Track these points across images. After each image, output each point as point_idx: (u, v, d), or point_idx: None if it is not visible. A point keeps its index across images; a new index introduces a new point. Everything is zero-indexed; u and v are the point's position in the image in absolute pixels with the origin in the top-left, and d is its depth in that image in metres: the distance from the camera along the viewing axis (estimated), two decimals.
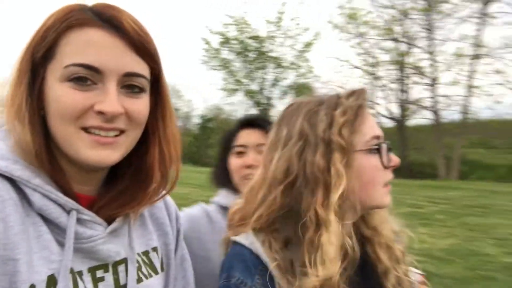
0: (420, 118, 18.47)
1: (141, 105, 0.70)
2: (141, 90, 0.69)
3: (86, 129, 0.66)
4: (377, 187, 0.87)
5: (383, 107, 17.95)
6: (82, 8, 0.67)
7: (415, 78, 17.47)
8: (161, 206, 0.87)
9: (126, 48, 0.66)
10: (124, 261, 0.74)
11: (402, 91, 18.09)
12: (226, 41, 19.94)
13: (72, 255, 0.65)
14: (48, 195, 0.65)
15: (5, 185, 0.63)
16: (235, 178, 1.34)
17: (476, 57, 15.70)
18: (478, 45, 15.63)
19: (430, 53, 16.53)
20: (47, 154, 0.66)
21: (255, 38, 19.93)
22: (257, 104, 20.84)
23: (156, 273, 0.80)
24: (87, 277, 0.68)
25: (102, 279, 0.70)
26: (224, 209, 1.35)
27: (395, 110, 18.68)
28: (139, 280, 0.75)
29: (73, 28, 0.65)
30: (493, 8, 15.66)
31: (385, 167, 0.87)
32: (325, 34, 37.63)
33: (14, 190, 0.64)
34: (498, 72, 15.62)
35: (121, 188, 0.75)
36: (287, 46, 20.02)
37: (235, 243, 0.87)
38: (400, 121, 18.64)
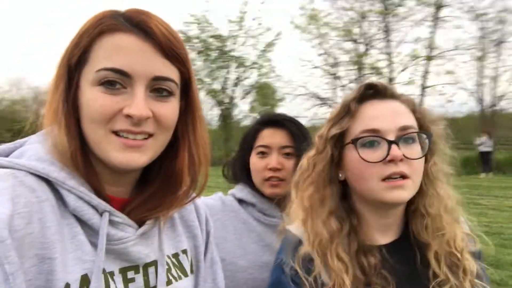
0: None
1: (169, 109, 0.71)
2: (170, 94, 0.71)
3: (116, 133, 0.67)
4: (370, 181, 0.86)
5: None
6: (113, 14, 0.69)
7: (373, 78, 18.02)
8: (191, 208, 0.89)
9: (155, 52, 0.67)
10: (154, 263, 0.75)
11: None
12: (187, 40, 19.59)
13: (104, 256, 0.67)
14: (82, 196, 0.67)
15: (43, 186, 0.65)
16: (256, 179, 1.32)
17: (430, 58, 16.42)
18: (431, 47, 16.37)
19: (387, 54, 17.11)
20: (82, 156, 0.68)
21: (216, 37, 19.74)
22: (220, 103, 20.68)
23: (186, 275, 0.82)
24: (118, 278, 0.70)
25: (132, 280, 0.71)
26: (239, 201, 1.36)
27: None
28: (168, 282, 0.76)
29: (104, 34, 0.67)
30: (444, 12, 16.46)
31: (370, 162, 0.85)
32: (287, 34, 38.06)
33: (51, 191, 0.66)
34: (449, 72, 16.50)
35: (152, 191, 0.76)
36: (249, 45, 20.02)
37: (287, 231, 0.97)
38: None
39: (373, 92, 0.92)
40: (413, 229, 0.92)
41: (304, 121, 1.39)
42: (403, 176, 0.84)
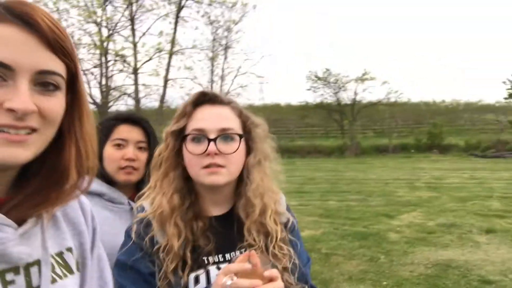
0: (122, 105, 18.97)
1: (55, 103, 0.69)
2: (56, 88, 0.69)
3: None
4: (195, 168, 1.08)
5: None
6: None
7: (118, 65, 17.66)
8: (75, 205, 0.87)
9: (39, 45, 0.65)
10: (37, 262, 0.73)
11: (104, 76, 17.93)
12: None
13: None
14: None
15: None
16: (111, 167, 1.50)
17: (172, 53, 17.61)
18: (173, 42, 17.56)
19: (132, 43, 17.14)
20: None
21: None
22: None
23: (72, 273, 0.80)
24: None
25: (12, 282, 0.68)
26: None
27: (97, 94, 18.32)
28: (53, 281, 0.74)
29: None
30: (185, 12, 17.95)
31: (194, 154, 1.07)
32: None
33: None
34: (187, 68, 18.28)
35: (34, 188, 0.73)
36: None
37: None
38: (101, 106, 18.44)
39: (206, 98, 1.13)
40: (236, 206, 1.16)
41: None
42: (219, 166, 1.06)
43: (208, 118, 1.10)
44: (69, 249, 0.82)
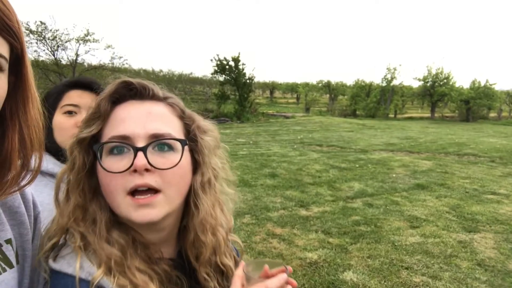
0: None
1: None
2: None
3: None
4: (116, 195, 0.74)
5: None
6: None
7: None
8: (15, 193, 0.78)
9: None
10: None
11: None
12: None
13: None
14: None
15: None
16: (62, 137, 1.33)
17: None
18: None
19: None
20: None
21: None
22: None
23: (11, 266, 0.74)
24: None
25: None
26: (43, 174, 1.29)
27: None
28: None
29: None
30: None
31: (111, 172, 0.73)
32: None
33: None
34: None
35: None
36: None
37: None
38: None
39: (131, 92, 0.80)
40: (184, 246, 0.85)
41: None
42: (153, 190, 0.73)
43: (135, 119, 0.76)
44: (8, 241, 0.76)
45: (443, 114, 41.84)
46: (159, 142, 0.76)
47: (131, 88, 0.81)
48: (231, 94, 28.81)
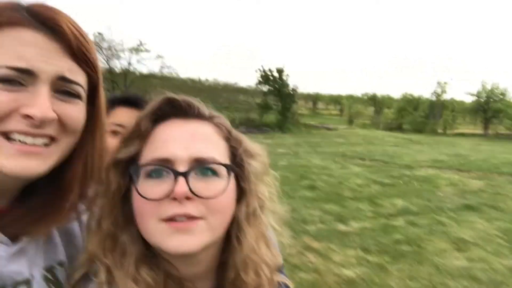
0: None
1: (76, 110, 0.65)
2: (77, 97, 0.65)
3: (7, 136, 0.58)
4: (149, 221, 0.67)
5: None
6: (15, 7, 0.61)
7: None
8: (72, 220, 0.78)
9: (63, 52, 0.62)
10: (27, 282, 0.65)
11: None
12: None
13: None
14: None
15: None
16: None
17: None
18: None
19: None
20: None
21: None
22: None
23: None
24: None
25: None
26: None
27: None
28: None
29: (3, 28, 0.59)
30: None
31: (147, 198, 0.66)
32: None
33: None
34: None
35: (35, 203, 0.67)
36: None
37: None
38: None
39: (174, 110, 0.74)
40: (222, 284, 0.77)
41: None
42: (192, 217, 0.66)
43: (178, 140, 0.70)
44: (61, 264, 0.74)
45: (497, 131, 39.43)
46: (202, 167, 0.69)
47: (175, 106, 0.74)
48: (273, 104, 28.91)
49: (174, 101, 0.74)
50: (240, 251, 0.74)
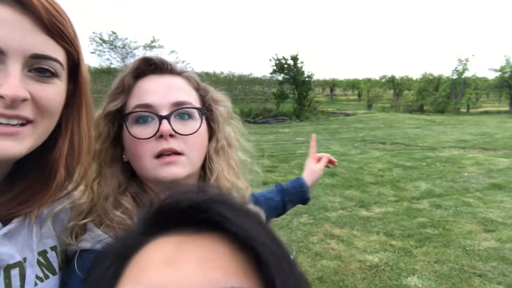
0: None
1: (52, 91, 0.62)
2: (54, 75, 0.62)
3: None
4: (143, 159, 0.83)
5: None
6: None
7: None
8: (62, 199, 0.78)
9: (34, 27, 0.58)
10: (19, 264, 0.66)
11: None
12: None
13: None
14: None
15: None
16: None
17: None
18: None
19: None
20: None
21: None
22: None
23: (54, 273, 0.74)
24: None
25: None
26: None
27: None
28: (34, 284, 0.69)
29: None
30: None
31: (140, 138, 0.82)
32: None
33: None
34: None
35: (22, 184, 0.67)
36: None
37: None
38: None
39: (151, 67, 0.88)
40: None
41: None
42: (176, 153, 0.82)
43: (157, 90, 0.84)
44: (54, 248, 0.75)
45: None
46: (180, 110, 0.84)
47: (151, 64, 0.88)
48: (290, 93, 28.65)
49: (150, 60, 0.88)
50: (212, 178, 0.90)
